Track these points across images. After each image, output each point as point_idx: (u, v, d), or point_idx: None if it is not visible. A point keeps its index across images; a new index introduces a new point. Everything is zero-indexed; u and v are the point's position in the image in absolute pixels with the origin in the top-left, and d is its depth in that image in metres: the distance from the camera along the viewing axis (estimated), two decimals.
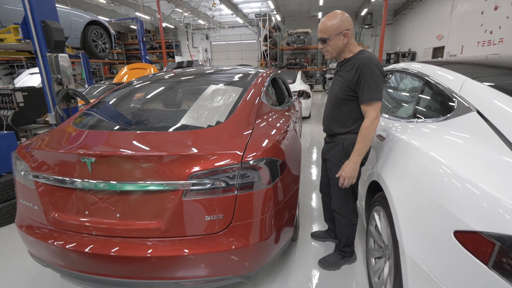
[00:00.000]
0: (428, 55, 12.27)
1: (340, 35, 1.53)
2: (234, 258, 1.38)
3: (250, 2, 14.59)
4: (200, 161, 1.30)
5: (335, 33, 1.52)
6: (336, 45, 1.56)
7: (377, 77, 1.47)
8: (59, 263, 1.46)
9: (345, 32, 1.53)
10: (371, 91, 1.47)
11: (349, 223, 1.84)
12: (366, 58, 1.50)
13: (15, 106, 3.93)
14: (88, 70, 8.10)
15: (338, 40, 1.55)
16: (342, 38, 1.54)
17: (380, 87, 1.48)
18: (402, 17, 15.92)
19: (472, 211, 0.92)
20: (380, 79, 1.48)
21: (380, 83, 1.48)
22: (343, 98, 1.61)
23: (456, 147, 1.20)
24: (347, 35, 1.54)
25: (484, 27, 8.39)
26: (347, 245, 1.93)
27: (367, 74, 1.47)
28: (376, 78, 1.47)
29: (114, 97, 2.15)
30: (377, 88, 1.47)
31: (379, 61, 1.51)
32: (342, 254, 1.96)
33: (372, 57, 1.51)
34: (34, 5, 2.76)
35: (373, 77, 1.47)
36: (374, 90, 1.47)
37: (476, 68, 1.66)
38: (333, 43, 1.56)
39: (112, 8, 14.37)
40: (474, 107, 1.22)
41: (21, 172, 1.50)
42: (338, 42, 1.55)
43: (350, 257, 1.97)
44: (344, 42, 1.56)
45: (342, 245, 1.93)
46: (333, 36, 1.53)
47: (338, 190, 1.76)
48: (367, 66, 1.47)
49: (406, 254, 1.18)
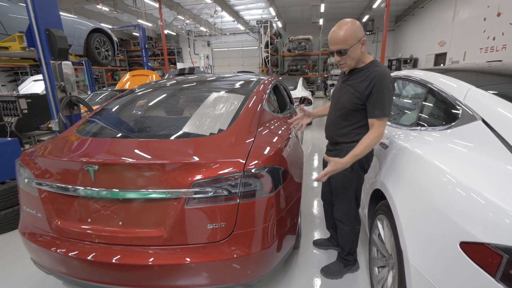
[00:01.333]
0: (430, 62, 12.30)
1: (358, 44, 1.46)
2: (236, 267, 1.36)
3: (252, 9, 14.76)
4: (202, 169, 1.30)
5: (355, 42, 1.44)
6: (355, 55, 1.49)
7: (391, 93, 1.47)
8: (61, 271, 1.45)
9: (363, 40, 1.47)
10: (384, 107, 1.45)
11: (351, 231, 1.82)
12: (381, 72, 1.46)
13: (19, 113, 3.96)
14: (90, 77, 8.18)
15: (356, 50, 1.47)
16: (360, 47, 1.48)
17: (391, 103, 1.49)
18: (404, 24, 16.02)
19: (478, 222, 0.91)
20: (392, 96, 1.49)
21: (392, 99, 1.49)
22: (352, 109, 1.58)
23: (461, 156, 1.19)
24: (364, 42, 1.49)
25: (487, 34, 8.42)
26: (349, 254, 1.90)
27: (382, 89, 1.44)
28: (390, 95, 1.46)
29: (117, 105, 2.16)
30: (389, 105, 1.47)
31: (391, 76, 1.49)
32: (345, 262, 1.93)
33: (386, 72, 1.48)
34: (38, 13, 2.80)
35: (388, 93, 1.45)
36: (387, 106, 1.46)
37: (479, 76, 1.66)
38: (352, 53, 1.47)
39: (115, 16, 14.58)
40: (479, 116, 1.22)
41: (25, 180, 1.51)
42: (357, 52, 1.48)
43: (352, 265, 1.94)
44: (362, 50, 1.51)
45: (345, 254, 1.90)
46: (353, 45, 1.45)
47: (341, 198, 1.76)
48: (381, 81, 1.44)
49: (410, 264, 1.16)
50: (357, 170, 1.67)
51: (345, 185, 1.71)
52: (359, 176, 1.70)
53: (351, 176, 1.67)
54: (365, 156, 1.58)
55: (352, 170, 1.65)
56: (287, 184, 1.56)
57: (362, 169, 1.70)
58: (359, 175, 1.70)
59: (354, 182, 1.70)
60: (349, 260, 1.92)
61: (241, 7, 14.52)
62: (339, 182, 1.71)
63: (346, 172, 1.64)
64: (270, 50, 13.76)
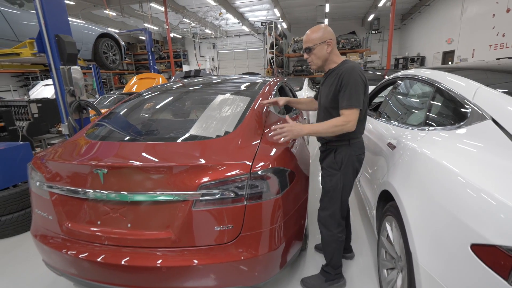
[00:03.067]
0: (438, 60, 12.13)
1: (323, 44, 1.58)
2: (243, 269, 1.37)
3: (256, 10, 14.80)
4: (209, 172, 1.31)
5: (319, 42, 1.57)
6: (320, 54, 1.60)
7: (359, 85, 1.49)
8: (72, 272, 1.48)
9: (328, 41, 1.58)
10: (351, 98, 1.47)
11: (333, 238, 1.70)
12: (348, 67, 1.53)
13: (30, 117, 4.05)
14: (99, 81, 8.32)
15: (322, 49, 1.59)
16: (325, 48, 1.58)
17: (360, 95, 1.49)
18: (410, 22, 15.83)
19: (489, 223, 0.89)
20: (361, 87, 1.50)
21: (361, 91, 1.50)
22: (331, 107, 1.62)
23: (471, 156, 1.17)
24: (330, 44, 1.58)
25: (496, 30, 8.26)
26: (331, 266, 1.76)
27: (348, 82, 1.48)
28: (358, 86, 1.48)
29: (125, 108, 2.19)
30: (357, 95, 1.48)
31: (361, 70, 1.54)
32: (326, 276, 1.78)
33: (354, 66, 1.54)
34: (48, 20, 2.87)
35: (354, 85, 1.48)
36: (354, 97, 1.47)
37: (488, 74, 1.63)
38: (317, 52, 1.59)
39: (121, 20, 14.79)
40: (489, 115, 1.20)
41: (36, 183, 1.54)
42: (322, 51, 1.59)
43: (335, 282, 1.78)
44: (328, 51, 1.59)
45: (326, 265, 1.79)
46: (318, 44, 1.58)
47: (326, 199, 1.70)
48: (348, 75, 1.50)
49: (420, 266, 1.15)
50: (344, 170, 1.62)
51: (331, 185, 1.66)
52: (346, 177, 1.63)
53: (338, 175, 1.63)
54: (356, 154, 1.63)
55: (339, 170, 1.63)
56: (294, 185, 1.56)
57: (352, 169, 1.64)
58: (346, 176, 1.63)
59: (340, 183, 1.63)
60: (330, 273, 1.77)
61: (246, 9, 14.57)
62: (326, 181, 1.69)
63: (333, 171, 1.64)
64: (275, 51, 13.75)
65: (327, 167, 1.69)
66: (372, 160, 2.26)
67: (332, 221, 1.70)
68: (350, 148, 1.61)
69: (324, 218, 1.73)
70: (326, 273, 1.79)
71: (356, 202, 3.04)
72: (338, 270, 1.79)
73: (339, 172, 1.63)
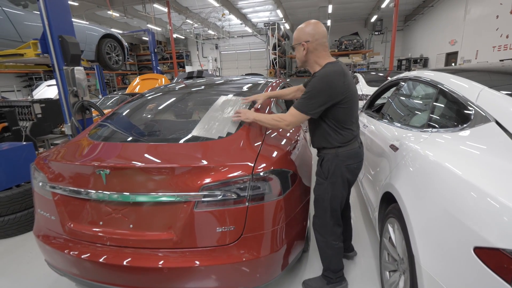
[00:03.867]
0: (441, 61, 12.08)
1: (299, 46, 1.51)
2: (245, 270, 1.37)
3: (259, 11, 14.83)
4: (211, 173, 1.31)
5: (296, 42, 1.53)
6: (298, 55, 1.55)
7: (319, 92, 1.41)
8: (74, 272, 1.48)
9: (303, 43, 1.49)
10: (303, 101, 1.45)
11: (328, 245, 1.67)
12: (322, 72, 1.45)
13: (34, 118, 4.08)
14: (102, 81, 8.37)
15: (299, 50, 1.53)
16: (301, 50, 1.51)
17: (313, 103, 1.43)
18: (413, 23, 15.79)
19: (492, 226, 0.88)
20: (320, 95, 1.42)
21: (316, 99, 1.42)
22: None
23: (474, 158, 1.16)
24: (304, 46, 1.50)
25: (500, 31, 8.22)
26: (330, 270, 1.73)
27: (313, 85, 1.44)
28: (317, 93, 1.41)
29: (127, 109, 2.20)
30: (309, 101, 1.43)
31: (334, 78, 1.42)
32: (327, 279, 1.75)
33: (329, 72, 1.43)
34: (52, 21, 2.89)
35: (314, 90, 1.42)
36: (306, 101, 1.44)
37: (492, 76, 1.62)
38: (296, 51, 1.56)
39: (125, 21, 14.88)
40: (493, 117, 1.19)
41: (39, 183, 1.55)
42: (299, 52, 1.53)
43: (337, 284, 1.74)
44: (304, 54, 1.51)
45: (325, 269, 1.76)
46: (296, 45, 1.53)
47: (316, 208, 1.68)
48: (317, 79, 1.44)
49: (423, 269, 1.14)
50: (331, 180, 1.57)
51: (319, 194, 1.63)
52: (334, 187, 1.58)
53: (325, 186, 1.59)
54: (345, 164, 1.55)
55: (326, 179, 1.59)
56: (296, 187, 1.56)
57: (340, 179, 1.57)
58: (334, 186, 1.58)
59: (328, 193, 1.59)
60: (330, 278, 1.74)
61: (249, 10, 14.60)
62: (315, 189, 1.67)
63: (321, 180, 1.62)
64: (278, 52, 13.77)
65: (316, 175, 1.67)
66: (374, 161, 2.25)
67: (324, 228, 1.67)
68: (337, 157, 1.55)
69: (317, 225, 1.70)
70: (326, 277, 1.77)
71: (358, 203, 3.03)
72: (339, 274, 1.76)
73: (326, 181, 1.59)
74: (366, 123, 2.84)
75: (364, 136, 2.75)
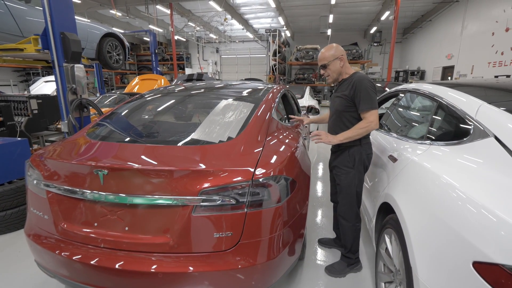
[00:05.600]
0: (438, 74, 12.28)
1: (336, 60, 1.86)
2: (240, 277, 1.34)
3: (261, 18, 14.96)
4: (210, 177, 1.29)
5: (333, 58, 1.86)
6: (335, 68, 1.88)
7: (371, 90, 1.76)
8: (65, 274, 1.44)
9: (340, 57, 1.86)
10: (368, 101, 1.74)
11: (352, 228, 1.94)
12: (359, 76, 1.81)
13: (29, 113, 4.02)
14: (100, 79, 8.30)
15: (336, 64, 1.87)
16: (338, 62, 1.86)
17: (375, 98, 1.76)
18: (412, 36, 16.07)
19: (491, 242, 0.88)
20: (373, 92, 1.76)
21: (374, 95, 1.76)
22: (343, 111, 1.88)
23: (474, 172, 1.17)
24: (342, 59, 1.87)
25: (495, 48, 8.41)
26: (351, 251, 2.00)
27: (362, 88, 1.75)
28: (370, 91, 1.75)
29: (127, 109, 2.18)
30: (372, 99, 1.74)
31: (370, 79, 1.81)
32: (348, 261, 2.02)
33: (364, 76, 1.81)
34: (54, 17, 2.88)
35: (367, 90, 1.74)
36: (371, 100, 1.74)
37: (489, 91, 1.65)
38: (332, 66, 1.87)
39: (127, 21, 14.89)
40: (492, 133, 1.20)
41: (34, 181, 1.52)
42: (336, 66, 1.87)
43: (355, 265, 2.03)
44: (341, 65, 1.87)
45: (347, 251, 2.00)
46: (331, 61, 1.86)
47: (344, 195, 1.92)
48: (361, 82, 1.76)
49: (420, 282, 1.14)
50: (357, 168, 1.86)
51: (347, 182, 1.88)
52: (359, 174, 1.89)
53: (353, 173, 1.87)
54: (366, 153, 1.88)
55: (353, 167, 1.86)
56: (295, 194, 1.55)
57: (363, 166, 1.89)
58: (359, 173, 1.88)
59: (355, 179, 1.87)
60: (351, 258, 2.01)
61: (251, 16, 14.72)
62: (342, 179, 1.91)
63: (348, 169, 1.88)
64: (278, 58, 13.87)
65: (343, 166, 1.91)
66: (372, 171, 2.26)
67: (351, 213, 1.93)
68: (361, 148, 1.85)
69: (344, 212, 1.95)
70: (348, 258, 2.02)
71: None
72: (356, 255, 2.03)
73: (353, 169, 1.87)
74: None
75: None
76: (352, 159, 1.86)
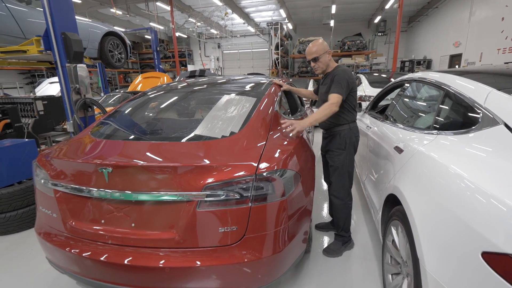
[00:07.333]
0: (445, 63, 12.01)
1: (326, 53, 2.06)
2: (247, 271, 1.35)
3: (262, 11, 14.79)
4: (214, 172, 1.29)
5: (323, 52, 2.05)
6: (324, 61, 2.08)
7: (345, 80, 1.96)
8: (75, 270, 1.48)
9: (328, 51, 2.07)
10: (338, 87, 1.94)
11: (345, 206, 2.13)
12: (340, 70, 2.03)
13: (36, 114, 4.07)
14: (104, 79, 8.35)
15: (325, 57, 2.07)
16: (327, 55, 2.07)
17: (345, 87, 1.95)
18: (417, 24, 15.71)
19: (501, 231, 0.86)
20: (347, 83, 1.96)
21: (346, 85, 1.96)
22: None
23: (483, 161, 1.14)
24: (330, 53, 2.09)
25: (505, 34, 8.16)
26: (344, 230, 2.18)
27: (338, 79, 1.97)
28: (343, 81, 1.95)
29: (130, 107, 2.19)
30: (342, 87, 1.94)
31: (350, 73, 2.03)
32: (342, 239, 2.19)
33: (346, 68, 2.05)
34: (55, 18, 2.88)
35: (342, 80, 1.95)
36: (340, 87, 1.94)
37: (498, 78, 1.60)
38: (322, 59, 2.06)
39: (127, 19, 14.86)
40: (501, 120, 1.17)
41: (41, 180, 1.54)
42: (325, 59, 2.07)
43: (349, 242, 2.22)
44: (329, 58, 2.09)
45: (340, 229, 2.18)
46: (322, 54, 2.04)
47: (337, 174, 2.10)
48: (339, 75, 1.99)
49: (428, 273, 1.12)
50: (348, 149, 2.07)
51: (340, 162, 2.07)
52: (350, 155, 2.09)
53: (345, 154, 2.07)
54: (355, 135, 2.10)
55: (345, 149, 2.06)
56: (299, 187, 1.54)
57: (353, 148, 2.10)
58: (350, 154, 2.09)
59: (347, 159, 2.07)
60: (344, 236, 2.19)
61: (252, 9, 14.56)
62: (335, 160, 2.09)
63: (340, 151, 2.07)
64: (281, 51, 13.72)
65: (335, 148, 2.10)
66: (378, 163, 2.23)
67: (343, 191, 2.12)
68: (351, 131, 2.08)
69: (336, 191, 2.14)
70: (341, 237, 2.20)
71: (360, 205, 3.01)
72: (349, 233, 2.22)
73: (344, 151, 2.07)
74: (369, 124, 2.82)
75: (367, 137, 2.72)
76: (343, 141, 2.06)
